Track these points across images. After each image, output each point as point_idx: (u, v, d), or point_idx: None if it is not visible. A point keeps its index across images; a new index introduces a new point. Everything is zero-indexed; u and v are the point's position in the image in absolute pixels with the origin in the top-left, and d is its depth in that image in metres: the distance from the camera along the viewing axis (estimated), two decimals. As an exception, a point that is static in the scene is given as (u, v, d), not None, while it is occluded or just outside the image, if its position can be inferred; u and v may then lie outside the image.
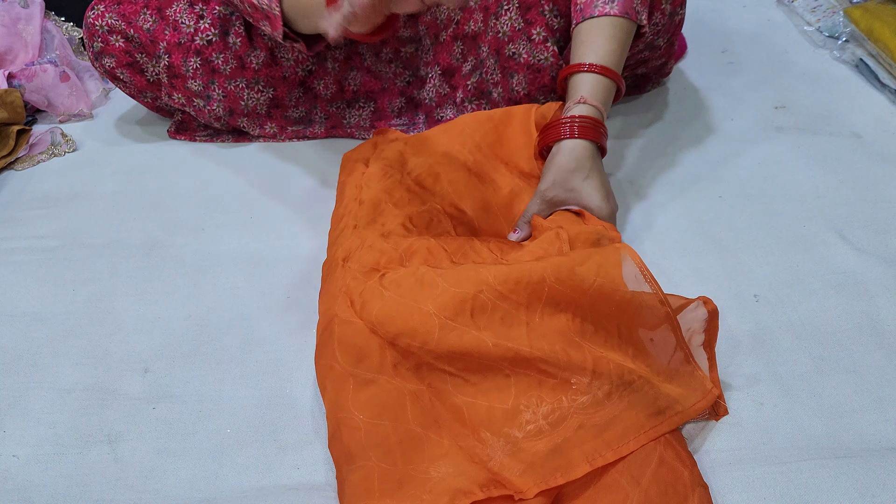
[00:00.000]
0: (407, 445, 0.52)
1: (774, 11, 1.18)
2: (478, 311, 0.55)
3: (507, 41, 0.82)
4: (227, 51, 0.86)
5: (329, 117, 0.95)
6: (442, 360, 0.55)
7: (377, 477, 0.51)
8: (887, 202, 0.77)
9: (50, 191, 0.89)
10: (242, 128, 0.92)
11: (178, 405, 0.62)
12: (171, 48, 0.86)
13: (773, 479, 0.53)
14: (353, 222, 0.69)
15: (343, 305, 0.58)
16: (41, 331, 0.69)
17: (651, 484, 0.50)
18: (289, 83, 0.91)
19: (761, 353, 0.62)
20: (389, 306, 0.56)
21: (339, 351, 0.56)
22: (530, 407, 0.54)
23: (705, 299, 0.58)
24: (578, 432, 0.52)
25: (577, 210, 0.70)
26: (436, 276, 0.57)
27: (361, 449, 0.52)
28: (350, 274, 0.61)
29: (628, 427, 0.53)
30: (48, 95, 1.01)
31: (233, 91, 0.88)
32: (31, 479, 0.57)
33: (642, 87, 0.97)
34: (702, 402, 0.55)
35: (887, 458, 0.53)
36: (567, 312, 0.56)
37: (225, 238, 0.80)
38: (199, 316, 0.70)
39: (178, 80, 0.88)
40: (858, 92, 0.96)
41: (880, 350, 0.61)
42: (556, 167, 0.70)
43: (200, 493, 0.55)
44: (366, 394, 0.54)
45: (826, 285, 0.68)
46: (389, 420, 0.53)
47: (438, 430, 0.54)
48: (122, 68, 0.90)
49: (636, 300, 0.56)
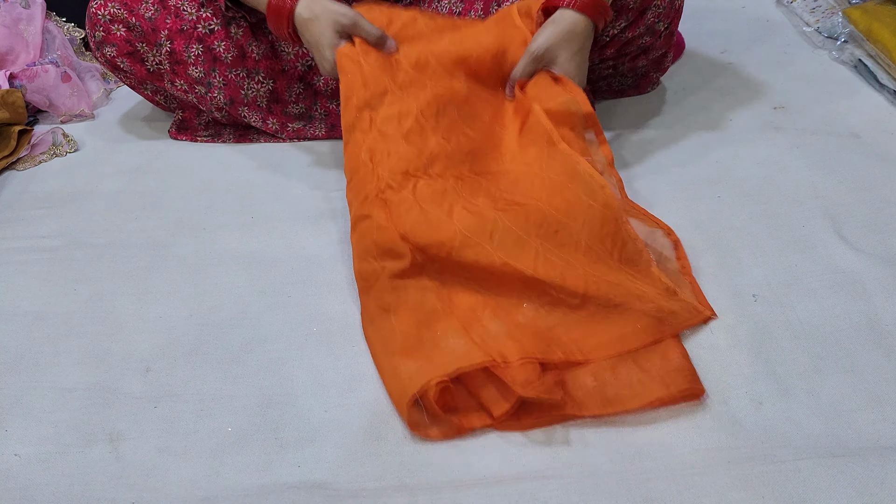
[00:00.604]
0: (428, 316, 0.63)
1: (773, 12, 1.18)
2: (497, 233, 0.65)
3: None
4: (228, 39, 0.87)
5: (329, 114, 0.95)
6: (461, 269, 0.66)
7: (400, 336, 0.62)
8: (886, 202, 0.77)
9: (51, 191, 0.89)
10: (244, 118, 0.93)
11: (180, 404, 0.62)
12: (172, 35, 0.87)
13: (771, 478, 0.53)
14: (368, 112, 0.75)
15: (379, 211, 0.68)
16: (43, 330, 0.70)
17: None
18: (288, 77, 0.91)
19: (760, 352, 0.62)
20: (421, 220, 0.66)
21: (376, 250, 0.67)
22: (532, 302, 0.65)
23: (667, 230, 0.73)
24: (567, 320, 0.64)
25: (557, 76, 0.76)
26: (459, 196, 0.69)
27: (387, 311, 0.64)
28: (384, 181, 0.70)
29: (622, 328, 0.63)
30: (49, 96, 1.01)
31: (233, 80, 0.89)
32: (32, 478, 0.57)
33: (642, 87, 0.98)
34: (693, 318, 0.64)
35: (885, 456, 0.53)
36: (568, 243, 0.66)
37: (226, 238, 0.80)
38: (201, 315, 0.70)
39: (180, 67, 0.88)
40: (857, 92, 0.97)
41: (878, 349, 0.62)
42: (551, 33, 0.74)
43: (201, 492, 0.55)
44: (395, 282, 0.65)
45: (824, 285, 0.68)
46: (415, 296, 0.65)
47: (451, 314, 0.64)
48: (122, 57, 0.90)
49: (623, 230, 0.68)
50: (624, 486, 0.53)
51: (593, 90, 0.98)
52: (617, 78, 0.96)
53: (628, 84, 0.97)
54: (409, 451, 0.57)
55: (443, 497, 0.54)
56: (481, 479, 0.55)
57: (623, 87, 0.98)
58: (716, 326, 0.65)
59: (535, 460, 0.56)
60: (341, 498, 0.54)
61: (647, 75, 0.96)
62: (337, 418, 0.60)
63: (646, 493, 0.53)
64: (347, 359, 0.65)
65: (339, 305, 0.70)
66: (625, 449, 0.56)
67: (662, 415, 0.58)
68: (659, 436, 0.57)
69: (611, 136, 0.92)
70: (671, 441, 0.56)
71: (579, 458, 0.56)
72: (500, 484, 0.54)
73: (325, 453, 0.57)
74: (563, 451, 0.56)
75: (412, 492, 0.54)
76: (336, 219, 0.81)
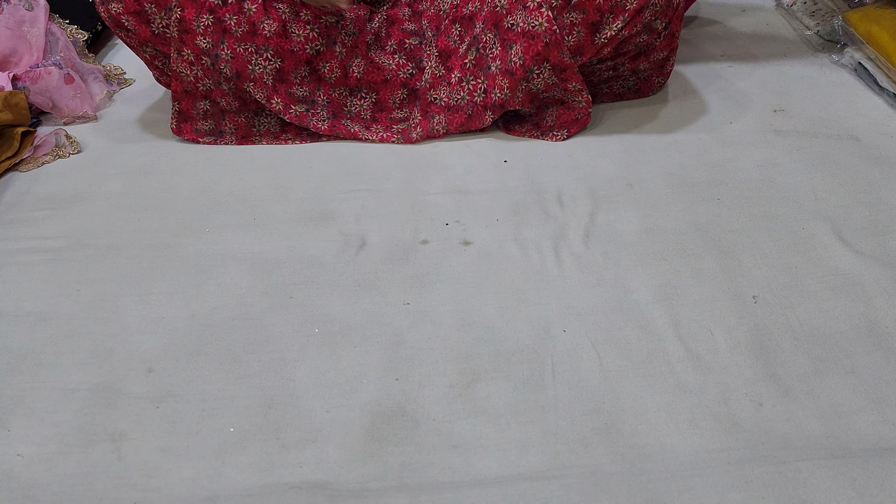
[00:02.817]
0: None
1: (773, 15, 1.18)
2: None
3: (506, 13, 0.84)
4: (240, 14, 0.88)
5: (331, 102, 0.95)
6: None
7: None
8: (885, 204, 0.77)
9: (54, 192, 0.90)
10: (249, 92, 0.92)
11: (182, 404, 0.62)
12: (184, 2, 0.87)
13: (771, 479, 0.53)
14: None
15: None
16: (45, 331, 0.70)
17: None
18: (296, 58, 0.92)
19: (760, 353, 0.62)
20: None
21: None
22: None
23: None
24: None
25: None
26: None
27: None
28: None
29: None
30: (52, 97, 1.01)
31: (242, 54, 0.89)
32: (35, 478, 0.57)
33: (643, 92, 0.98)
34: None
35: (885, 458, 0.54)
36: None
37: (228, 239, 0.80)
38: (203, 316, 0.70)
39: (188, 36, 0.88)
40: (856, 95, 0.97)
41: (878, 351, 0.62)
42: None
43: (203, 491, 0.56)
44: None
45: (824, 287, 0.68)
46: None
47: None
48: (128, 15, 0.88)
49: None
50: (624, 487, 0.53)
51: (594, 94, 0.98)
52: (618, 81, 0.96)
53: (629, 87, 0.97)
54: (410, 452, 0.57)
55: (444, 497, 0.54)
56: (482, 480, 0.55)
57: (624, 91, 0.98)
58: (716, 328, 0.65)
59: (536, 461, 0.56)
60: (343, 498, 0.54)
61: (649, 79, 0.96)
62: (338, 419, 0.60)
63: (646, 493, 0.53)
64: (349, 359, 0.65)
65: (341, 306, 0.70)
66: (625, 450, 0.56)
67: (663, 416, 0.58)
68: (659, 437, 0.57)
69: (611, 138, 0.92)
70: (671, 442, 0.56)
71: (580, 458, 0.56)
72: (500, 484, 0.54)
73: (327, 454, 0.57)
74: (564, 452, 0.56)
75: (413, 492, 0.54)
76: (338, 220, 0.82)
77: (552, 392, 0.61)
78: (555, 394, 0.61)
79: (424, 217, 0.81)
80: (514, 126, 0.95)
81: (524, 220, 0.80)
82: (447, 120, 0.94)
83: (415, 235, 0.79)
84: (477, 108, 0.92)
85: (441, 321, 0.68)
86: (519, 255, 0.75)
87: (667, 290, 0.70)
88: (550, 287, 0.71)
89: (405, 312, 0.69)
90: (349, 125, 0.96)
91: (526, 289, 0.71)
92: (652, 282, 0.71)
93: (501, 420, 0.59)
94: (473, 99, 0.92)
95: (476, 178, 0.87)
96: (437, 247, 0.77)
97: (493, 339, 0.66)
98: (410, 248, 0.77)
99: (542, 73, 0.86)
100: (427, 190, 0.86)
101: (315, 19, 0.91)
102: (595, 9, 0.81)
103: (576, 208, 0.81)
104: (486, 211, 0.82)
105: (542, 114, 0.94)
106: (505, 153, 0.91)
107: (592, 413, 0.59)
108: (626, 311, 0.68)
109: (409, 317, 0.69)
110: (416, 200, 0.84)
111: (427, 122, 0.94)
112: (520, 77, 0.87)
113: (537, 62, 0.84)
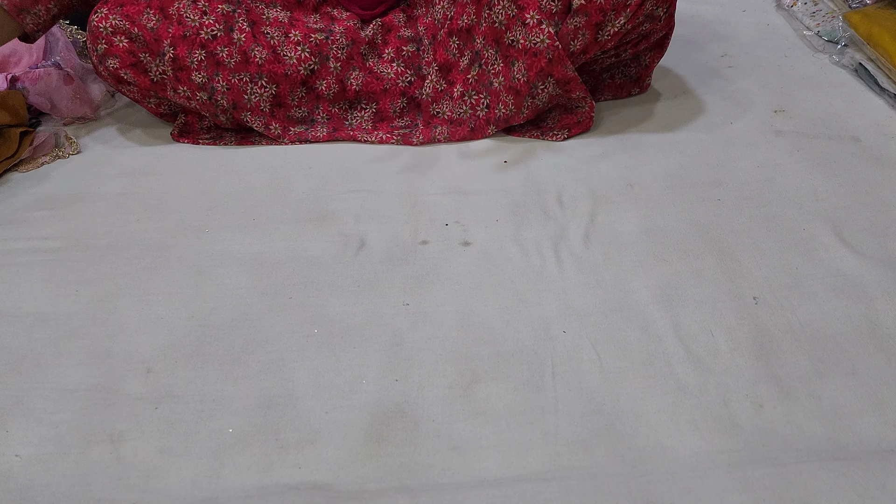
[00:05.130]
0: None
1: (774, 16, 1.18)
2: None
3: (505, 29, 0.83)
4: (231, 45, 0.88)
5: (331, 118, 0.95)
6: None
7: None
8: (886, 205, 0.77)
9: (53, 192, 0.90)
10: (247, 122, 0.93)
11: (180, 405, 0.62)
12: (175, 41, 0.88)
13: (772, 481, 0.53)
14: None
15: None
16: (44, 331, 0.70)
17: None
18: (291, 81, 0.92)
19: (760, 355, 0.62)
20: None
21: None
22: None
23: None
24: None
25: None
26: None
27: None
28: None
29: None
30: (52, 98, 1.01)
31: (237, 84, 0.89)
32: (33, 479, 0.57)
33: (643, 77, 0.98)
34: None
35: (887, 460, 0.53)
36: None
37: (227, 239, 0.80)
38: (202, 316, 0.70)
39: (183, 73, 0.89)
40: (857, 96, 0.97)
41: (879, 353, 0.62)
42: None
43: (202, 493, 0.55)
44: None
45: (825, 288, 0.68)
46: None
47: None
48: (126, 69, 0.90)
49: None
50: (625, 489, 0.53)
51: (595, 87, 0.98)
52: (620, 68, 0.96)
53: (630, 76, 0.97)
54: (409, 453, 0.57)
55: (443, 499, 0.54)
56: (482, 481, 0.55)
57: (624, 81, 0.98)
58: (716, 329, 0.65)
59: (536, 462, 0.56)
60: (342, 499, 0.54)
61: (649, 66, 0.96)
62: (338, 420, 0.60)
63: (646, 495, 0.53)
64: (348, 360, 0.65)
65: (340, 307, 0.70)
66: (625, 451, 0.56)
67: (663, 418, 0.58)
68: (659, 438, 0.57)
69: (611, 138, 0.92)
70: (672, 443, 0.56)
71: (580, 460, 0.56)
72: (500, 486, 0.54)
73: (326, 455, 0.57)
74: (564, 454, 0.56)
75: (413, 493, 0.54)
76: (337, 220, 0.81)
77: (552, 393, 0.61)
78: (555, 395, 0.61)
79: (424, 217, 0.81)
80: (514, 126, 0.95)
81: (524, 221, 0.80)
82: (450, 132, 0.94)
83: (414, 236, 0.79)
84: (480, 122, 0.93)
85: (441, 322, 0.68)
86: (519, 255, 0.75)
87: (667, 290, 0.69)
88: (550, 288, 0.71)
89: (405, 313, 0.69)
90: (348, 131, 0.96)
91: (526, 289, 0.71)
92: (652, 282, 0.70)
93: (501, 421, 0.59)
94: (476, 113, 0.92)
95: (476, 179, 0.87)
96: (437, 247, 0.77)
97: (492, 339, 0.66)
98: (410, 249, 0.77)
99: (547, 87, 0.86)
100: (427, 190, 0.86)
101: (305, 38, 0.91)
102: (597, 9, 0.81)
103: (576, 209, 0.81)
104: (485, 211, 0.82)
105: (543, 115, 0.94)
106: (505, 153, 0.91)
107: (592, 414, 0.59)
108: (627, 311, 0.68)
109: (408, 317, 0.69)
110: (416, 201, 0.84)
111: (429, 131, 0.95)
112: (525, 94, 0.87)
113: (541, 77, 0.85)
